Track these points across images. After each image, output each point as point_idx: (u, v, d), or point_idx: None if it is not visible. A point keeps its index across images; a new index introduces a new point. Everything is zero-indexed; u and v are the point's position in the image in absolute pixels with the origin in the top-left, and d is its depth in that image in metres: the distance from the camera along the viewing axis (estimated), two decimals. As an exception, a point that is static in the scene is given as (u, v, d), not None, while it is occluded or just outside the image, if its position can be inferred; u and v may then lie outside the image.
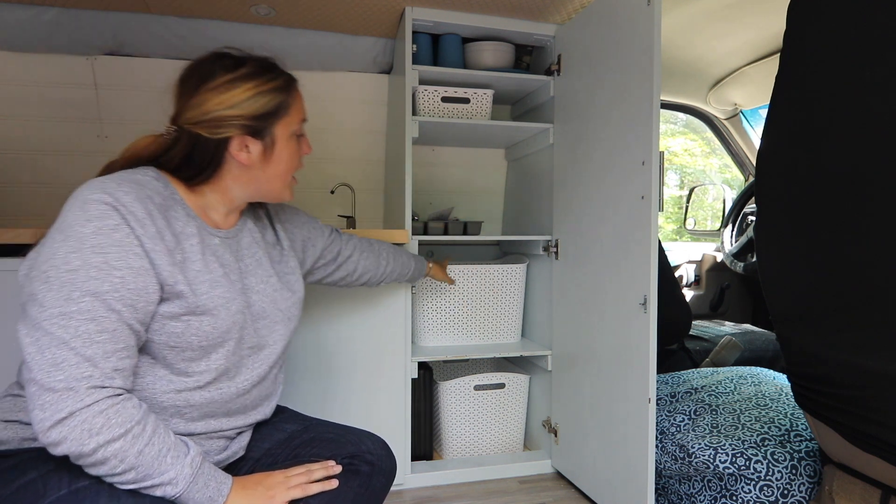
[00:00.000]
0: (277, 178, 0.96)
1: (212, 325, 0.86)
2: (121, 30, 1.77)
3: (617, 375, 1.46)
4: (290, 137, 0.95)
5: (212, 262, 0.89)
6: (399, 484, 1.70)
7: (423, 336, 1.88)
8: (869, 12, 0.81)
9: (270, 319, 0.98)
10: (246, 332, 0.93)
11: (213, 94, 0.87)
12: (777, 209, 1.00)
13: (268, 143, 0.92)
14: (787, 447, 1.33)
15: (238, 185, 0.93)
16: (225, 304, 0.88)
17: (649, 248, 1.33)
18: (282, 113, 0.92)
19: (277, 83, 0.92)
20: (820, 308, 0.94)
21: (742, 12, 1.83)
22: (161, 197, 0.85)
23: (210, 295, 0.86)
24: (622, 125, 1.43)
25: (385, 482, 1.01)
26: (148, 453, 0.74)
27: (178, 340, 0.83)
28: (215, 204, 0.94)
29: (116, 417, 0.72)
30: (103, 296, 0.73)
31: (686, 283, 3.07)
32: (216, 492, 0.80)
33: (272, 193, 0.97)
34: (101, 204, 0.76)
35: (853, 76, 0.83)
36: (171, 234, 0.83)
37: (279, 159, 0.94)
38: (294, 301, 1.05)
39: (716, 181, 5.12)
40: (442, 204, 2.25)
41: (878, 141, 0.80)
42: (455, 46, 1.86)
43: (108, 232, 0.75)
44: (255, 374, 0.96)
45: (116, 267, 0.75)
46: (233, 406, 0.93)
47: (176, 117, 0.89)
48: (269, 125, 0.91)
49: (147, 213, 0.80)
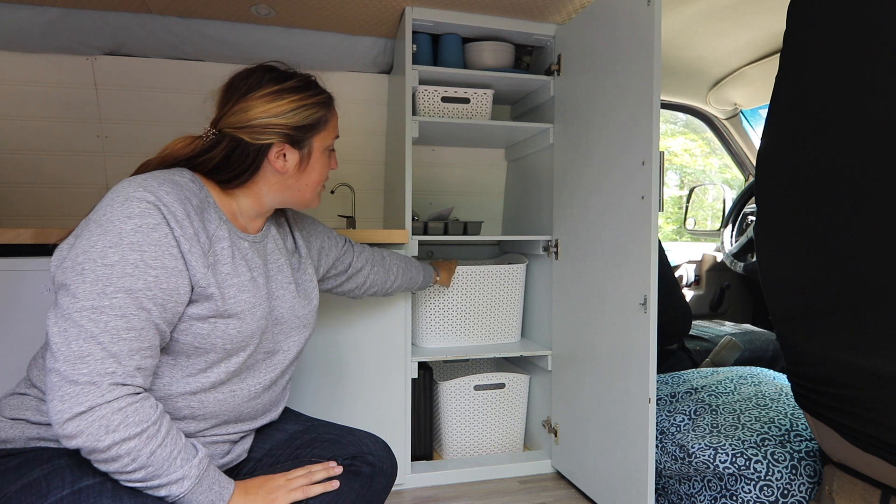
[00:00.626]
0: (308, 188, 1.00)
1: (237, 329, 0.87)
2: (121, 30, 1.77)
3: (617, 375, 1.46)
4: (324, 151, 1.00)
5: (241, 265, 0.90)
6: (399, 484, 1.70)
7: (423, 336, 1.88)
8: (869, 12, 0.81)
9: (288, 326, 0.99)
10: (265, 337, 0.94)
11: (259, 102, 0.91)
12: (777, 209, 1.00)
13: (304, 154, 0.96)
14: (787, 447, 1.33)
15: (271, 191, 0.96)
16: (251, 308, 0.89)
17: (649, 248, 1.33)
18: (321, 127, 0.97)
19: (320, 98, 0.98)
20: (820, 308, 0.94)
21: (742, 12, 1.83)
22: (198, 199, 0.87)
23: (237, 299, 0.87)
24: (622, 125, 1.43)
25: (386, 483, 1.02)
26: (160, 454, 0.75)
27: (203, 342, 0.84)
28: (246, 208, 0.96)
29: (134, 416, 0.73)
30: (136, 293, 0.74)
31: (686, 283, 3.07)
32: (218, 496, 0.81)
33: (302, 201, 1.01)
34: (142, 202, 0.77)
35: (853, 76, 0.83)
36: (206, 236, 0.85)
37: (313, 170, 0.99)
38: (311, 309, 1.06)
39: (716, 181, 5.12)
40: (442, 204, 2.25)
41: (878, 141, 0.80)
42: (455, 46, 1.86)
43: (148, 231, 0.76)
44: (268, 379, 0.97)
45: (152, 266, 0.76)
46: (244, 409, 0.94)
47: (217, 121, 0.92)
48: (308, 137, 0.96)
49: (186, 214, 0.81)
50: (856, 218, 0.85)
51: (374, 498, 0.99)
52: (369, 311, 1.64)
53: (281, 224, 1.10)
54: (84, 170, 1.91)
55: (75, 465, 0.77)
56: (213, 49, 1.89)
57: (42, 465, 0.77)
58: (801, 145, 0.93)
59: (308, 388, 1.60)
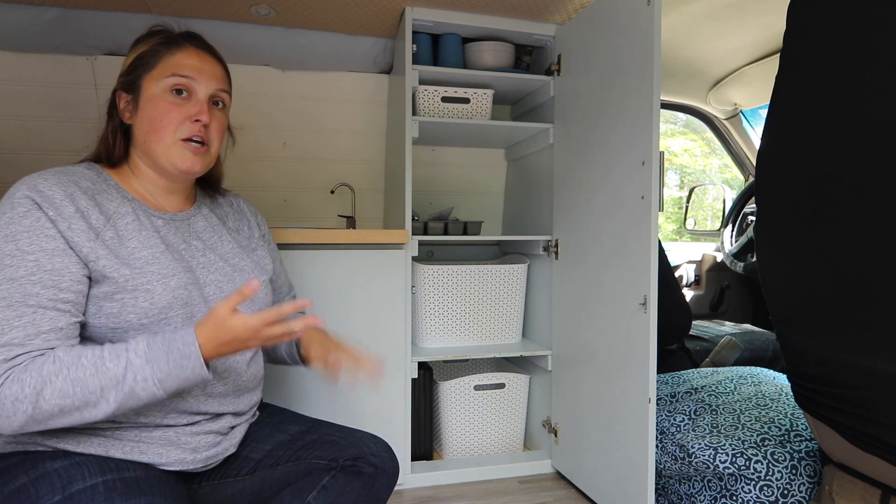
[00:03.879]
0: (151, 136, 0.92)
1: (148, 301, 0.85)
2: (121, 30, 1.77)
3: (617, 375, 1.46)
4: (164, 93, 0.92)
5: (151, 239, 0.90)
6: (399, 484, 1.70)
7: (423, 336, 1.88)
8: (869, 12, 0.81)
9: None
10: (196, 310, 0.92)
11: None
12: (777, 209, 1.00)
13: (136, 95, 0.94)
14: (787, 447, 1.33)
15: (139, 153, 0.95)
16: (161, 279, 0.87)
17: (649, 248, 1.33)
18: (149, 65, 0.93)
19: (154, 39, 0.95)
20: (820, 308, 0.94)
21: (742, 12, 1.83)
22: (90, 181, 0.89)
23: (144, 270, 0.86)
24: (622, 125, 1.43)
25: (388, 484, 1.01)
26: (80, 375, 0.74)
27: (117, 321, 0.83)
28: (147, 185, 0.96)
29: (27, 374, 0.72)
30: (20, 281, 0.75)
31: (686, 283, 3.07)
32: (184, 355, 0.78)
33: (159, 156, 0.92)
34: (16, 196, 0.80)
35: (853, 76, 0.83)
36: (100, 212, 0.86)
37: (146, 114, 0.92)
38: (261, 281, 1.04)
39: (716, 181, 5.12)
40: (442, 204, 2.25)
41: (878, 141, 0.80)
42: (455, 46, 1.86)
43: (18, 219, 0.78)
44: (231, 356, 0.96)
45: (28, 251, 0.77)
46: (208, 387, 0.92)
47: None
48: (137, 78, 0.94)
49: (66, 195, 0.83)
50: (856, 218, 0.85)
51: (376, 499, 0.99)
52: (369, 311, 1.64)
53: (221, 206, 1.10)
54: (84, 170, 1.91)
55: (63, 470, 0.77)
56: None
57: (28, 471, 0.77)
58: (801, 145, 0.93)
59: (308, 388, 1.60)
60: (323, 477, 0.97)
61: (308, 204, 2.10)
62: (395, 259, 1.65)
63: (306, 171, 2.09)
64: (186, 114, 0.92)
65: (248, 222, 1.13)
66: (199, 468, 0.94)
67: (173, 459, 0.89)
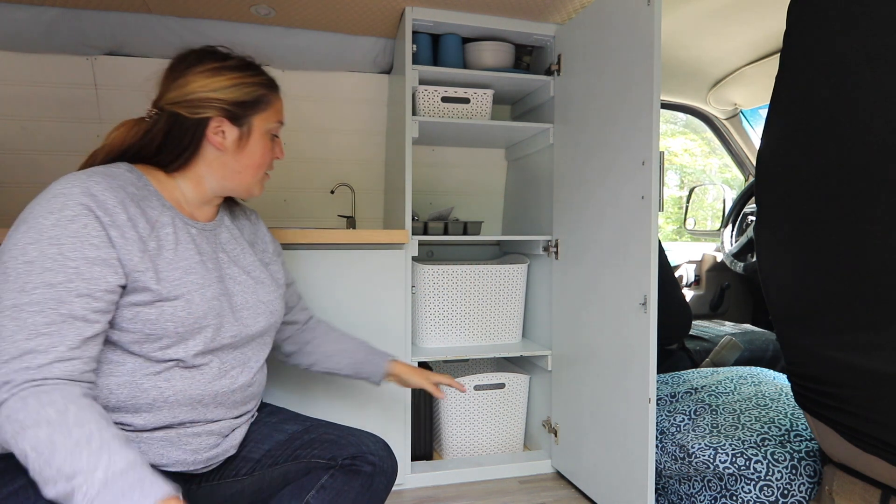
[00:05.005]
0: (248, 171, 0.98)
1: (186, 311, 0.85)
2: (121, 30, 1.77)
3: (617, 375, 1.46)
4: (266, 134, 0.98)
5: (188, 249, 0.90)
6: (399, 484, 1.70)
7: (423, 336, 1.88)
8: (869, 12, 0.81)
9: (253, 311, 0.98)
10: (225, 321, 0.92)
11: (198, 76, 0.91)
12: (777, 209, 1.00)
13: (244, 132, 0.95)
14: (787, 447, 1.33)
15: (211, 173, 0.95)
16: (199, 289, 0.88)
17: (649, 248, 1.33)
18: (261, 107, 0.96)
19: (261, 79, 0.97)
20: (820, 308, 0.94)
21: (742, 12, 1.83)
22: (135, 187, 0.87)
23: (183, 280, 0.86)
24: (622, 125, 1.43)
25: (387, 483, 1.02)
26: (60, 442, 0.67)
27: (153, 328, 0.83)
28: (189, 195, 0.96)
29: (32, 402, 0.68)
30: (57, 287, 0.74)
31: (686, 283, 3.07)
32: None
33: (242, 186, 0.99)
34: (64, 196, 0.78)
35: (853, 76, 0.83)
36: (146, 221, 0.85)
37: (252, 151, 0.97)
38: (278, 294, 1.06)
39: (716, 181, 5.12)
40: (442, 204, 2.25)
41: (878, 141, 0.80)
42: (455, 46, 1.86)
43: (66, 223, 0.76)
44: (247, 370, 0.97)
45: (71, 258, 0.75)
46: (216, 388, 0.92)
47: (158, 99, 0.94)
48: (248, 115, 0.95)
49: (118, 202, 0.81)
50: (856, 217, 0.85)
51: (375, 498, 0.99)
52: (369, 312, 1.64)
53: (239, 218, 1.10)
54: (84, 170, 1.91)
55: None
56: (212, 49, 1.89)
57: (26, 472, 0.76)
58: (801, 145, 0.93)
59: (308, 388, 1.60)
60: (322, 476, 0.97)
61: (308, 204, 2.10)
62: (395, 259, 1.65)
63: (306, 171, 2.09)
64: (274, 154, 1.03)
65: (262, 237, 1.14)
66: (199, 469, 0.94)
67: (174, 460, 0.89)
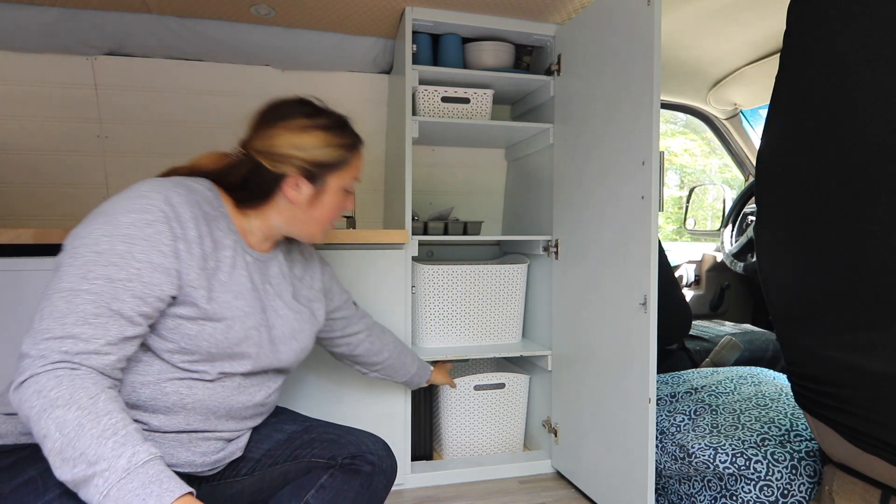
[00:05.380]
0: (316, 223, 1.02)
1: (224, 334, 0.87)
2: (121, 30, 1.77)
3: (617, 375, 1.46)
4: (340, 191, 1.02)
5: (241, 275, 0.92)
6: (399, 484, 1.70)
7: (423, 336, 1.88)
8: (869, 12, 0.81)
9: (288, 346, 1.00)
10: (262, 352, 0.94)
11: (285, 132, 0.94)
12: (777, 209, 1.00)
13: (318, 190, 0.98)
14: (787, 447, 1.33)
15: (280, 218, 0.99)
16: (242, 316, 0.90)
17: (649, 248, 1.33)
18: (340, 168, 0.99)
19: (346, 141, 1.00)
20: (820, 308, 0.94)
21: (742, 12, 1.83)
22: (210, 206, 0.90)
23: (230, 305, 0.88)
24: (622, 125, 1.43)
25: (386, 482, 1.02)
26: (89, 431, 0.67)
27: (189, 343, 0.84)
28: (255, 229, 0.99)
29: (66, 380, 0.69)
30: (116, 283, 0.75)
31: (686, 283, 3.07)
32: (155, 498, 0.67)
33: (305, 234, 1.03)
34: (147, 199, 0.80)
35: (853, 76, 0.83)
36: (211, 240, 0.87)
37: (323, 207, 1.00)
38: (313, 332, 1.08)
39: (716, 181, 5.12)
40: (442, 204, 2.25)
41: (878, 141, 0.80)
42: (455, 46, 1.86)
43: (143, 226, 0.79)
44: (265, 389, 0.99)
45: (138, 259, 0.77)
46: (233, 404, 0.94)
47: (246, 142, 0.96)
48: (325, 174, 0.98)
49: (192, 217, 0.84)
50: (856, 217, 0.85)
51: (374, 497, 0.99)
52: (369, 311, 1.64)
53: (291, 251, 1.12)
54: (84, 170, 1.91)
55: None
56: (213, 49, 1.89)
57: (36, 464, 0.77)
58: (801, 145, 0.93)
59: (307, 388, 1.60)
60: (321, 475, 0.97)
61: (308, 204, 2.10)
62: (395, 259, 1.65)
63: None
64: (345, 207, 1.06)
65: (311, 273, 1.15)
66: (205, 471, 0.94)
67: (183, 461, 0.89)
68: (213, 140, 2.00)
